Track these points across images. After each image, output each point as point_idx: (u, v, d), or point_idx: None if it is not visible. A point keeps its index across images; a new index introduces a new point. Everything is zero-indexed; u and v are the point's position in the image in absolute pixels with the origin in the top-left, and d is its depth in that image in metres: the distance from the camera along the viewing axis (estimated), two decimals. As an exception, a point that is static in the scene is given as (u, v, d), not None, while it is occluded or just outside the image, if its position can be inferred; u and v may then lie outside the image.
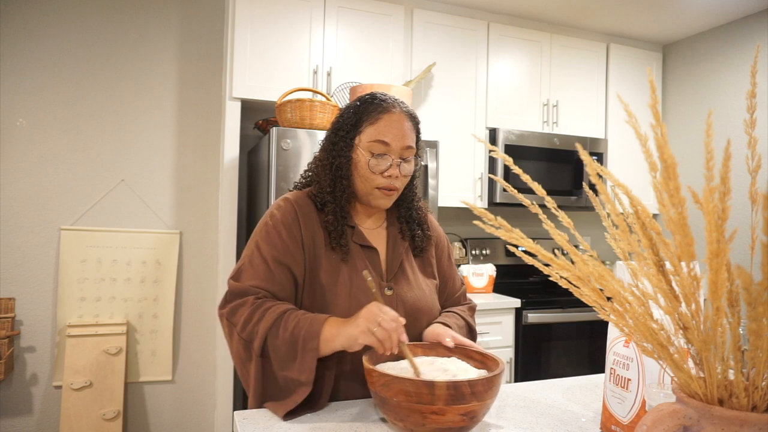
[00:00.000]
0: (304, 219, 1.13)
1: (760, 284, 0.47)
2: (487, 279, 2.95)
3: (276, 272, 1.09)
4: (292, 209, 1.14)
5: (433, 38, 2.90)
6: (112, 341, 2.55)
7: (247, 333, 1.03)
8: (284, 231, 1.11)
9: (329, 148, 1.17)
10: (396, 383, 0.85)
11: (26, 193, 2.52)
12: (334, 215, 1.13)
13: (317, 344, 0.98)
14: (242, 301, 1.06)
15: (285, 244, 1.10)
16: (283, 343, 1.00)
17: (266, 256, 1.09)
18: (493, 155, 1.34)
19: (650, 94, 0.54)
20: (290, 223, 1.12)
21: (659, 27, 3.29)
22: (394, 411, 0.87)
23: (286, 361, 1.00)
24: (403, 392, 0.84)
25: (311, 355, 0.98)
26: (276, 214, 1.14)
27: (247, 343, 1.04)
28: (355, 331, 0.95)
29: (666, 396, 0.75)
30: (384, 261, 1.19)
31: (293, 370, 0.99)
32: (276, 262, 1.09)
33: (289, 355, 1.00)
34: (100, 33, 2.64)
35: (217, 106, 2.86)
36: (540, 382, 1.24)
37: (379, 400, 0.90)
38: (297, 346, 0.99)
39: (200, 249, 2.82)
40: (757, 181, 0.58)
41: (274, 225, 1.13)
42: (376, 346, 0.95)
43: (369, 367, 0.91)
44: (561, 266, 0.65)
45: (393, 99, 1.17)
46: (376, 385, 0.89)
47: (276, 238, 1.11)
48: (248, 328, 1.03)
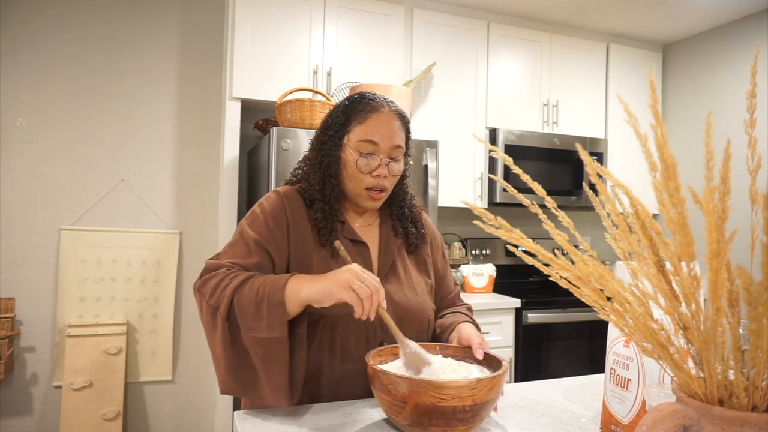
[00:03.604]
0: (293, 212, 1.13)
1: (760, 284, 0.47)
2: (487, 279, 2.95)
3: (255, 253, 1.08)
4: (280, 201, 1.14)
5: (433, 38, 2.90)
6: (112, 341, 2.55)
7: (215, 299, 1.01)
8: (271, 220, 1.11)
9: (318, 147, 1.17)
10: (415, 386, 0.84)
11: (26, 193, 2.52)
12: (323, 212, 1.12)
13: (282, 296, 0.95)
14: (214, 273, 1.05)
15: (270, 232, 1.10)
16: (249, 302, 0.97)
17: (248, 239, 1.09)
18: (493, 155, 1.34)
19: (650, 94, 0.54)
20: (278, 213, 1.12)
21: (659, 27, 3.29)
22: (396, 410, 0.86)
23: (253, 320, 0.97)
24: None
25: (279, 308, 0.95)
26: (264, 204, 1.15)
27: (214, 310, 1.01)
28: (331, 285, 0.93)
29: (666, 396, 0.75)
30: (376, 258, 1.18)
31: (262, 329, 0.96)
32: (257, 245, 1.08)
33: (256, 315, 0.96)
34: (100, 33, 2.64)
35: (217, 106, 2.86)
36: (540, 382, 1.24)
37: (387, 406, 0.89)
38: (263, 303, 0.96)
39: (200, 249, 2.82)
40: (757, 181, 0.58)
41: (261, 212, 1.13)
42: (356, 304, 0.92)
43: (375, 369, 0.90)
44: (561, 266, 0.65)
45: (382, 98, 1.16)
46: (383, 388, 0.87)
47: (261, 225, 1.11)
48: (216, 293, 1.01)
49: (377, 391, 0.90)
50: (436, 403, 0.82)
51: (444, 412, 0.83)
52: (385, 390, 0.87)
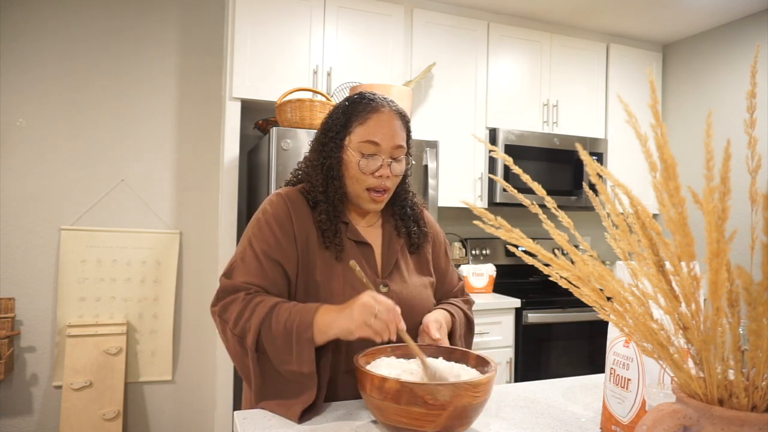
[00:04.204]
0: (297, 215, 1.12)
1: (760, 284, 0.47)
2: (487, 279, 2.95)
3: (268, 268, 1.08)
4: (284, 205, 1.13)
5: (433, 38, 2.90)
6: (112, 341, 2.55)
7: (239, 329, 1.02)
8: (276, 226, 1.11)
9: (319, 149, 1.16)
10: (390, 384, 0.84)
11: (26, 193, 2.52)
12: (327, 214, 1.12)
13: (311, 334, 0.97)
14: (233, 297, 1.05)
15: (277, 240, 1.10)
16: (277, 335, 0.99)
17: (258, 252, 1.09)
18: (493, 155, 1.34)
19: (650, 94, 0.54)
20: (282, 218, 1.12)
21: (659, 27, 3.29)
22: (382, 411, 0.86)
23: (283, 354, 0.99)
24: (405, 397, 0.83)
25: (308, 345, 0.97)
26: (268, 209, 1.14)
27: (240, 339, 1.03)
28: (350, 325, 0.95)
29: (666, 396, 0.75)
30: (379, 258, 1.18)
31: (292, 363, 0.98)
32: (268, 258, 1.08)
33: (285, 348, 0.99)
34: (100, 33, 2.64)
35: (217, 105, 2.86)
36: (540, 382, 1.24)
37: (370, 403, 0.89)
38: (291, 337, 0.98)
39: (200, 249, 2.82)
40: (757, 181, 0.58)
41: (266, 221, 1.12)
42: (375, 338, 0.94)
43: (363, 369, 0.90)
44: (561, 266, 0.65)
45: (382, 98, 1.16)
46: (369, 387, 0.87)
47: (268, 233, 1.10)
48: (240, 323, 1.02)
49: (403, 407, 0.82)
50: (472, 402, 0.84)
51: (476, 409, 0.86)
52: (419, 402, 0.82)
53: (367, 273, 1.13)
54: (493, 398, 1.11)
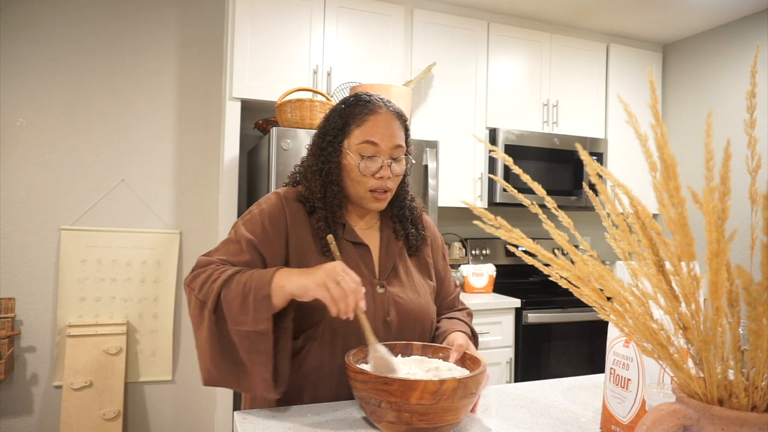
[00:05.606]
0: (292, 216, 1.12)
1: (760, 284, 0.47)
2: (487, 279, 2.95)
3: (247, 252, 1.07)
4: (280, 203, 1.13)
5: (433, 38, 2.90)
6: (112, 341, 2.55)
7: (203, 293, 1.01)
8: (268, 222, 1.10)
9: (317, 153, 1.15)
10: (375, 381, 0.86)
11: (26, 193, 2.52)
12: (325, 221, 1.12)
13: (269, 290, 0.96)
14: (204, 268, 1.05)
15: (266, 234, 1.09)
16: (236, 295, 0.98)
17: (241, 239, 1.09)
18: (493, 155, 1.34)
19: (650, 94, 0.54)
20: (276, 215, 1.11)
21: (659, 27, 3.29)
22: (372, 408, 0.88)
23: (239, 314, 0.97)
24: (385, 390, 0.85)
25: (265, 303, 0.95)
26: (263, 205, 1.14)
27: (202, 303, 1.01)
28: (309, 282, 0.93)
29: (666, 396, 0.75)
30: (377, 260, 1.18)
31: (247, 322, 0.97)
32: (251, 246, 1.08)
33: (242, 308, 0.97)
34: (100, 33, 2.64)
35: (217, 106, 2.86)
36: (540, 382, 1.24)
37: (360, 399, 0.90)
38: (249, 296, 0.97)
39: (200, 249, 2.81)
40: (757, 181, 0.58)
41: (259, 213, 1.12)
42: (329, 304, 0.93)
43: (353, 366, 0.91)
44: (561, 266, 0.65)
45: (378, 98, 1.15)
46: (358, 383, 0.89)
47: (258, 226, 1.10)
48: (204, 287, 1.01)
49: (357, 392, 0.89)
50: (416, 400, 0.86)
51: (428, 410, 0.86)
52: (363, 388, 0.88)
53: (365, 275, 1.12)
54: (493, 398, 1.12)
